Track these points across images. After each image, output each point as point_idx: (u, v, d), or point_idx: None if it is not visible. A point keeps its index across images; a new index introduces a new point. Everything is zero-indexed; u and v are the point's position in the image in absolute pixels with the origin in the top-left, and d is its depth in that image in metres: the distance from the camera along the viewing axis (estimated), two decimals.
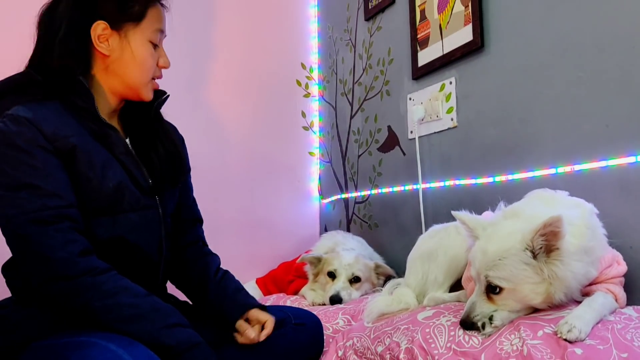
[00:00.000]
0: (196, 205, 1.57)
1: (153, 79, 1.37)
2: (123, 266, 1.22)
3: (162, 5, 1.38)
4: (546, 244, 1.11)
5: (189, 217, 1.53)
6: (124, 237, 1.27)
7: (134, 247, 1.29)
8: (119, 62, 1.30)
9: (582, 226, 1.17)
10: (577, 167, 1.51)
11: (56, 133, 1.18)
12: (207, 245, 1.56)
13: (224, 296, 1.44)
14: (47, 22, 1.28)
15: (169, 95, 1.45)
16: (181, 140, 1.52)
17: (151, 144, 1.39)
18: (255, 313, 1.40)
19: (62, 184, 1.18)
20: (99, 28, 1.27)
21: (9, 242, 1.16)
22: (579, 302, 1.17)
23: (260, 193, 2.88)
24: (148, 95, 1.36)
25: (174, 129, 1.51)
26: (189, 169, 1.52)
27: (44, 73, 1.24)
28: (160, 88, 1.42)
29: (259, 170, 2.89)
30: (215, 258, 1.53)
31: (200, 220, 1.56)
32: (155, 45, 1.34)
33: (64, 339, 1.14)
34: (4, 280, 1.28)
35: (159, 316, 1.17)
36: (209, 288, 1.44)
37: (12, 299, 1.28)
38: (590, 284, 1.21)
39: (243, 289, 1.49)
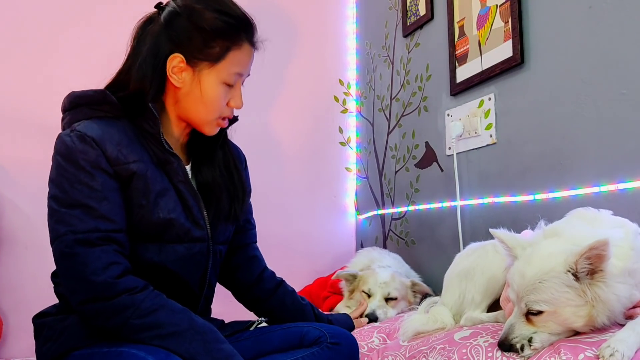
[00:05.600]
0: (255, 228, 1.61)
1: (223, 118, 1.36)
2: (162, 290, 1.23)
3: (253, 46, 1.35)
4: (590, 267, 1.08)
5: (248, 241, 1.59)
6: (166, 266, 1.28)
7: (175, 275, 1.30)
8: (187, 96, 1.31)
9: (626, 247, 1.13)
10: (621, 186, 1.46)
11: (118, 157, 1.21)
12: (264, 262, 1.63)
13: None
14: (136, 41, 1.31)
15: (237, 119, 1.44)
16: (244, 164, 1.53)
17: (214, 173, 1.39)
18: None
19: (117, 208, 1.20)
20: (176, 60, 1.27)
21: (54, 257, 1.19)
22: (622, 325, 1.13)
23: (296, 208, 2.90)
24: (210, 132, 1.36)
25: (237, 152, 1.52)
26: (250, 191, 1.53)
27: (120, 93, 1.27)
28: None
29: (296, 185, 2.90)
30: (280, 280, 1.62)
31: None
32: (230, 86, 1.33)
33: (105, 349, 1.17)
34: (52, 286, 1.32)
35: (197, 334, 1.17)
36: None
37: (57, 306, 1.31)
38: (634, 307, 1.17)
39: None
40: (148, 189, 1.24)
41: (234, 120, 1.44)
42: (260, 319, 1.57)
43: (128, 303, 1.15)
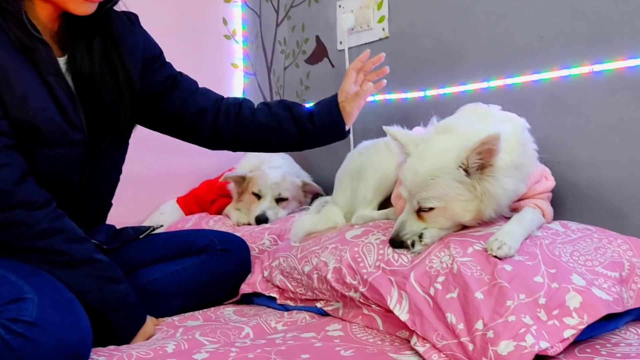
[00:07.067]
0: (203, 94, 1.48)
1: None
2: None
3: None
4: (481, 162, 1.08)
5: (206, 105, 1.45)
6: (40, 174, 1.11)
7: (49, 184, 1.13)
8: None
9: (514, 142, 1.14)
10: (509, 81, 1.48)
11: None
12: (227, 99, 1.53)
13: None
14: None
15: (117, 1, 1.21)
16: (134, 34, 1.32)
17: (90, 67, 1.17)
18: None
19: None
20: None
21: None
22: (508, 218, 1.16)
23: None
24: (81, 10, 1.11)
25: (129, 29, 1.30)
26: (160, 53, 1.41)
27: None
28: None
29: None
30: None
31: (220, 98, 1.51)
32: None
33: None
34: None
35: (92, 269, 1.08)
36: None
37: None
38: (519, 200, 1.21)
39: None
40: (11, 82, 1.05)
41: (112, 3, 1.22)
42: (154, 225, 1.50)
43: (22, 220, 1.03)
